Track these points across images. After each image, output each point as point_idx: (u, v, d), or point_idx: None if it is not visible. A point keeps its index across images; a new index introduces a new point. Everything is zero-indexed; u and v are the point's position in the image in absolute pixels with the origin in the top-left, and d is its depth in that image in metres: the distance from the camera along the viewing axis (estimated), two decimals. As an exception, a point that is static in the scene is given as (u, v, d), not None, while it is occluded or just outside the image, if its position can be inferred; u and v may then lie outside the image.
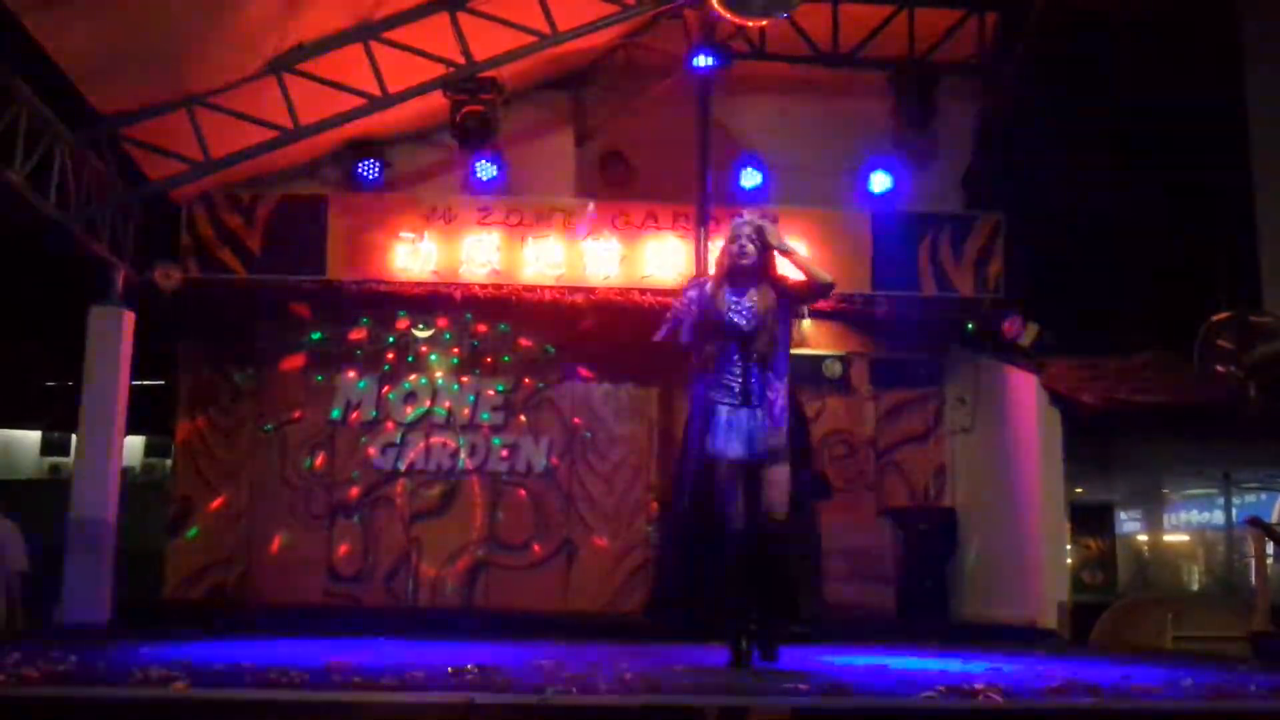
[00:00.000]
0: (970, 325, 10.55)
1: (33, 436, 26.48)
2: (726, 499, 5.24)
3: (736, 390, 5.30)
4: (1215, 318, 8.56)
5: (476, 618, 9.77)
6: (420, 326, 10.82)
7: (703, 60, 9.36)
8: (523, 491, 10.74)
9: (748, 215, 5.64)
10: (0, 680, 4.04)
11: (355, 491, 10.63)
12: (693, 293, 5.48)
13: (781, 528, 5.29)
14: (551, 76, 10.58)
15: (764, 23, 9.30)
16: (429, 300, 10.43)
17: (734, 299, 5.36)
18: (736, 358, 5.32)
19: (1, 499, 10.11)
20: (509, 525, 10.69)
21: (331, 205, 10.29)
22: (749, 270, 5.37)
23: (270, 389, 10.69)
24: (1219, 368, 8.35)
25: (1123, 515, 13.85)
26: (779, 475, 5.27)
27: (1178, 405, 9.26)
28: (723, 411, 5.30)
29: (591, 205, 10.24)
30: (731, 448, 5.25)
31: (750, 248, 5.36)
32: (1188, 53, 9.44)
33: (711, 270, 6.09)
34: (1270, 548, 8.55)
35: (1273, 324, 8.38)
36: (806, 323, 10.99)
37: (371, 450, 10.68)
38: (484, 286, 10.25)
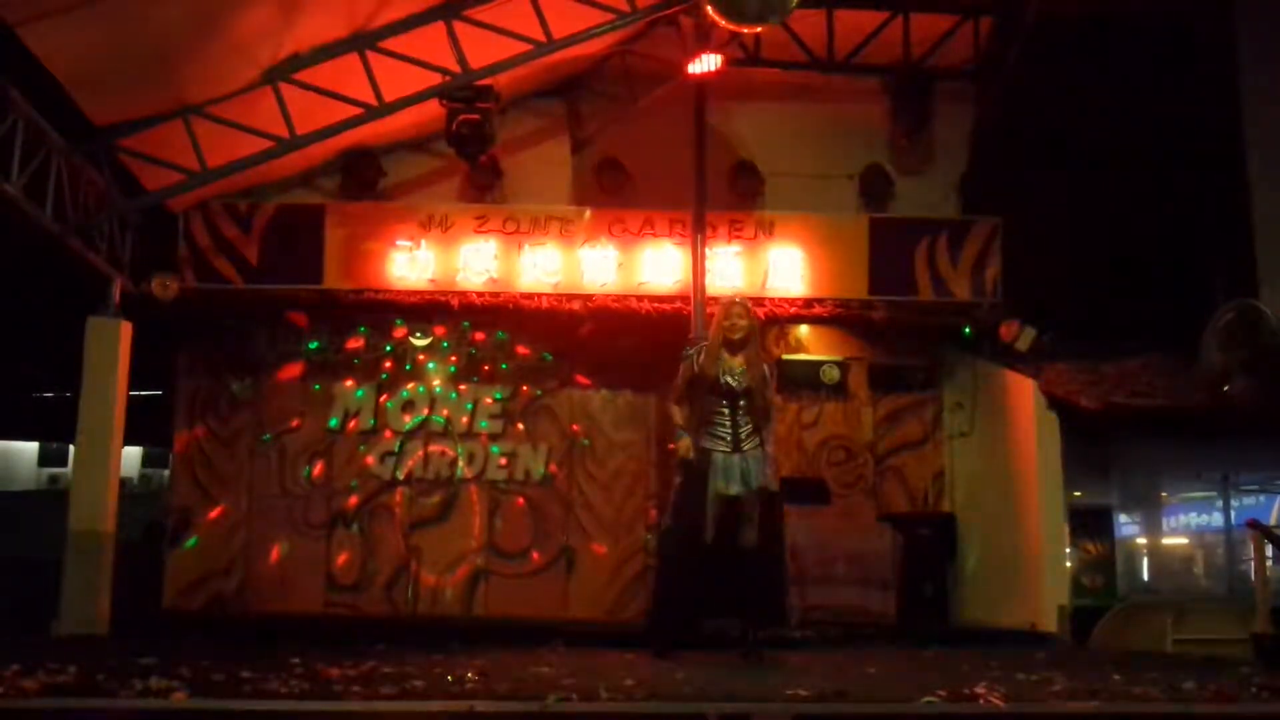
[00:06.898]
0: (968, 330, 10.54)
1: (31, 448, 26.50)
2: (713, 528, 6.23)
3: (729, 439, 6.30)
4: (1238, 301, 8.53)
5: (476, 626, 9.75)
6: (418, 335, 10.82)
7: (706, 62, 9.20)
8: (521, 499, 10.73)
9: (737, 296, 6.83)
10: (-1, 692, 4.03)
11: (354, 500, 10.61)
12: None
13: (757, 547, 6.39)
14: (547, 84, 10.59)
15: (759, 29, 9.30)
16: (426, 308, 10.44)
17: (727, 365, 6.34)
18: (728, 413, 6.31)
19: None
20: (508, 533, 10.68)
21: (328, 214, 10.30)
22: (739, 342, 6.34)
23: (268, 398, 10.68)
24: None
25: (1122, 518, 13.84)
26: (752, 512, 6.31)
27: (1176, 408, 9.27)
28: (719, 457, 6.28)
29: (588, 212, 10.30)
30: (729, 486, 6.25)
31: (741, 324, 6.32)
32: (1182, 55, 9.46)
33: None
34: (1270, 550, 8.55)
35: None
36: (804, 328, 11.04)
37: (370, 459, 10.66)
38: (481, 294, 10.27)
